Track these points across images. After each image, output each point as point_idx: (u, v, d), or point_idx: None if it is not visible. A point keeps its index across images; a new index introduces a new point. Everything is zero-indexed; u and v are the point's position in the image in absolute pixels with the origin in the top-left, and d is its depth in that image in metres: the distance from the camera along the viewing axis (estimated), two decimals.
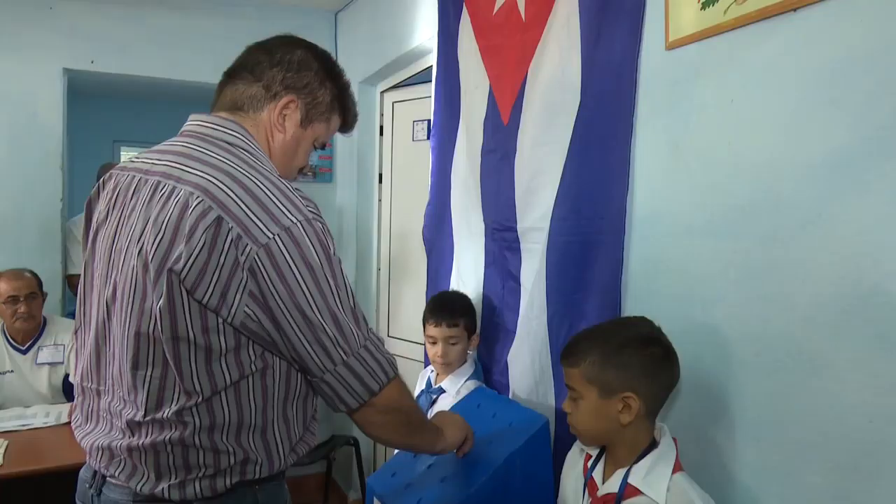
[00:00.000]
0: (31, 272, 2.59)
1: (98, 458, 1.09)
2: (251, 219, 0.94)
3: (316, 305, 0.97)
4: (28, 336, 2.57)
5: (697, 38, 1.30)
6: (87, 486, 1.12)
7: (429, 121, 2.66)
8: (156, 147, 1.14)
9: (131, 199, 1.05)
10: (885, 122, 0.98)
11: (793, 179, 1.12)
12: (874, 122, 1.00)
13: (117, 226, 1.06)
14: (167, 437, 1.00)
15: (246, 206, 0.95)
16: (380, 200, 3.24)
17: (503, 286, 1.95)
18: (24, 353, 2.55)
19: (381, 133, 3.20)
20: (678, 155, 1.36)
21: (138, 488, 1.03)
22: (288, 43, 1.19)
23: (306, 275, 0.96)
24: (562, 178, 1.67)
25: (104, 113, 5.49)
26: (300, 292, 0.96)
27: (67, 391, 2.57)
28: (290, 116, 1.14)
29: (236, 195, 0.96)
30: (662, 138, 1.40)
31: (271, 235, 0.94)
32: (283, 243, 0.94)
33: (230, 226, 0.93)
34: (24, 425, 2.26)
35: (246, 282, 0.94)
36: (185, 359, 0.97)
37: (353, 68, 3.32)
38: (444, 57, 2.29)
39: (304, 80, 1.14)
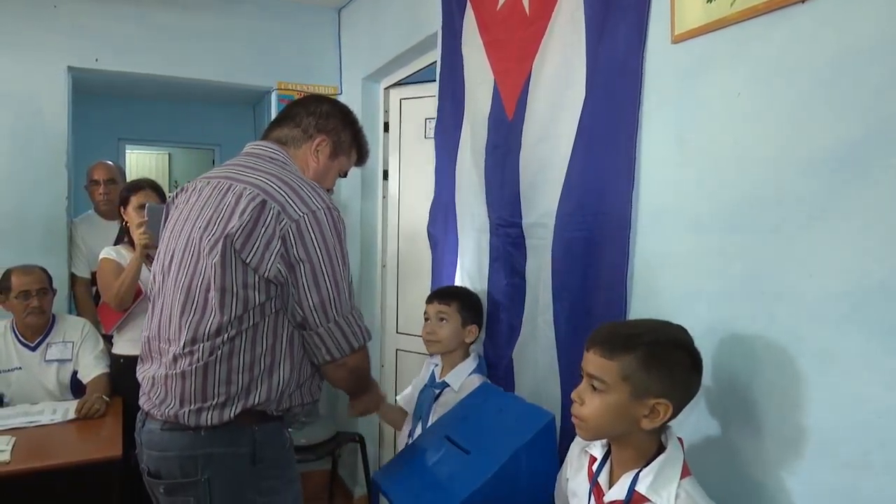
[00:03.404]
0: (42, 268, 2.61)
1: (146, 391, 1.42)
2: (288, 202, 1.31)
3: (324, 270, 1.32)
4: (37, 333, 2.58)
5: (703, 30, 1.29)
6: (139, 423, 1.45)
7: None
8: (222, 164, 1.53)
9: (196, 197, 1.43)
10: (892, 114, 0.97)
11: (799, 173, 1.11)
12: (881, 114, 0.99)
13: (179, 215, 1.45)
14: (195, 366, 1.32)
15: (285, 193, 1.32)
16: (384, 197, 3.24)
17: (508, 282, 1.95)
18: (33, 349, 2.56)
19: (386, 129, 3.19)
20: (684, 149, 1.36)
21: (166, 412, 1.34)
22: (317, 99, 1.61)
23: (321, 247, 1.32)
24: (567, 174, 1.66)
25: (109, 111, 5.51)
26: (316, 258, 1.31)
27: (75, 388, 2.59)
28: (322, 151, 1.54)
29: (278, 186, 1.34)
30: (668, 132, 1.40)
31: (301, 214, 1.31)
32: (308, 221, 1.31)
33: (272, 206, 1.30)
34: (31, 422, 2.27)
35: (279, 246, 1.30)
36: (227, 305, 1.30)
37: (357, 65, 3.32)
38: (447, 52, 2.29)
39: (332, 124, 1.56)
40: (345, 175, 1.64)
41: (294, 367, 1.38)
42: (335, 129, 1.56)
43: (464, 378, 1.89)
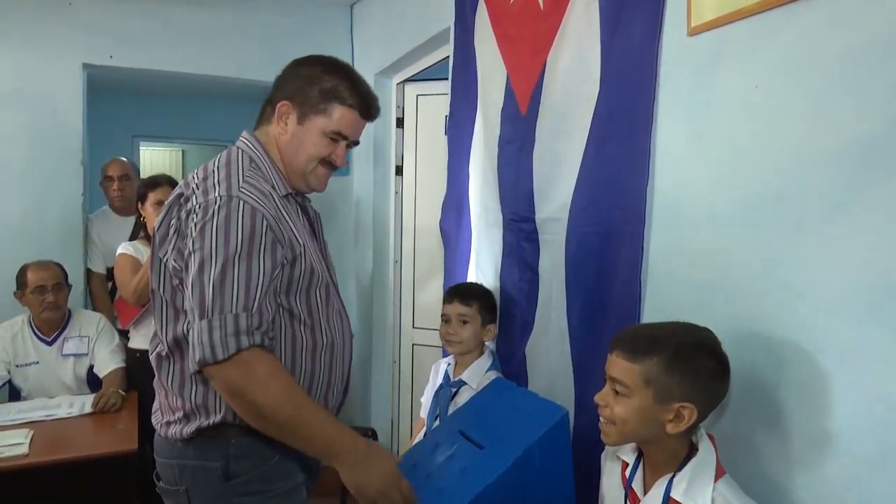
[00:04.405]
0: (57, 263, 2.64)
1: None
2: (195, 191, 1.22)
3: (213, 261, 1.14)
4: (54, 328, 2.61)
5: (720, 23, 1.28)
6: None
7: None
8: None
9: None
10: None
11: (818, 166, 1.10)
12: None
13: None
14: (160, 375, 1.29)
15: (196, 182, 1.24)
16: (397, 193, 3.24)
17: (521, 277, 1.94)
18: (50, 344, 2.59)
19: (400, 125, 3.19)
20: (700, 143, 1.34)
21: (157, 424, 1.32)
22: (290, 64, 1.41)
23: (215, 237, 1.16)
24: (581, 168, 1.65)
25: (123, 108, 5.55)
26: (207, 249, 1.15)
27: (92, 382, 2.61)
28: (287, 118, 1.35)
29: (196, 175, 1.27)
30: (684, 126, 1.38)
31: (198, 203, 1.19)
32: (204, 210, 1.18)
33: (184, 196, 1.23)
34: (48, 415, 2.29)
35: (175, 239, 1.22)
36: (159, 311, 1.26)
37: (369, 60, 3.31)
38: (460, 47, 2.28)
39: (294, 85, 1.35)
40: (345, 139, 1.37)
41: None
42: (299, 89, 1.34)
43: (481, 375, 1.88)
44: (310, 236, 1.37)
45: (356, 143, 1.42)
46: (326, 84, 1.33)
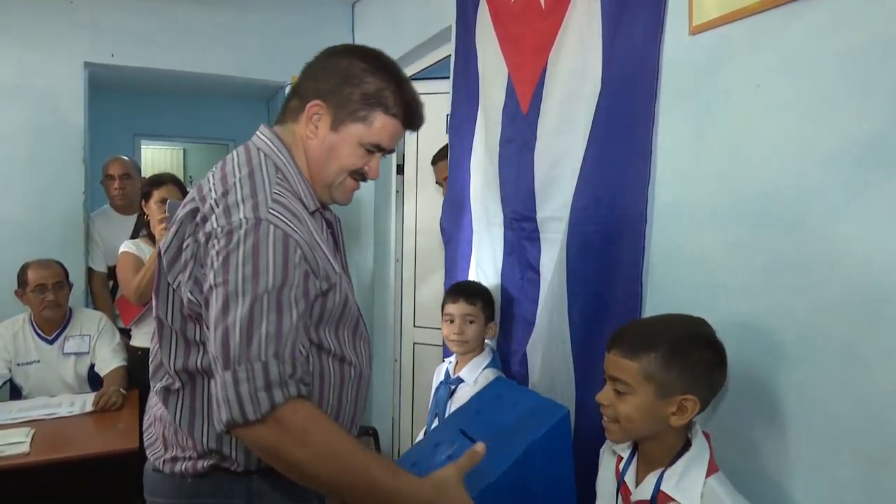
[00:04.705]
0: (58, 262, 2.64)
1: (145, 427, 1.21)
2: (213, 209, 1.01)
3: (239, 298, 0.95)
4: (55, 326, 2.61)
5: (722, 21, 1.27)
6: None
7: None
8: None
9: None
10: None
11: (821, 165, 1.10)
12: None
13: None
14: (169, 406, 1.10)
15: (215, 196, 1.03)
16: (398, 192, 3.24)
17: (522, 276, 1.94)
18: (51, 343, 2.60)
19: None
20: (702, 142, 1.34)
21: (153, 458, 1.14)
22: (325, 53, 1.18)
23: (241, 269, 0.96)
24: (582, 167, 1.65)
25: (124, 106, 5.54)
26: (232, 283, 0.96)
27: (93, 381, 2.61)
28: (318, 121, 1.13)
29: (214, 187, 1.05)
30: (685, 125, 1.38)
31: (217, 226, 0.99)
32: (226, 236, 0.98)
33: (199, 214, 1.03)
34: (49, 414, 2.29)
35: (192, 268, 1.02)
36: (166, 340, 1.09)
37: None
38: (461, 46, 2.28)
39: (329, 82, 1.13)
40: (382, 150, 1.19)
41: None
42: (335, 89, 1.12)
43: (478, 372, 1.88)
44: (333, 253, 1.15)
45: (392, 151, 1.24)
46: (369, 86, 1.13)
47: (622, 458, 1.22)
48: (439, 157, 2.49)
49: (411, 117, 1.19)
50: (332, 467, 0.96)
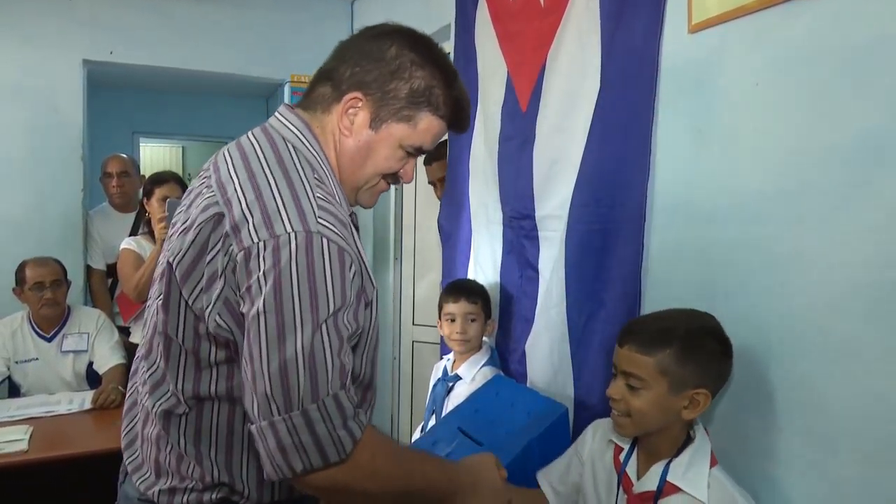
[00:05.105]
0: (56, 260, 2.63)
1: (124, 445, 1.07)
2: (247, 217, 0.85)
3: (290, 329, 0.82)
4: (53, 324, 2.60)
5: (721, 19, 1.27)
6: (121, 476, 1.08)
7: None
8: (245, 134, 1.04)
9: (188, 194, 1.01)
10: None
11: (819, 164, 1.10)
12: None
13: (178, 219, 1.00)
14: (169, 430, 0.96)
15: (247, 201, 0.87)
16: (397, 189, 3.23)
17: (521, 275, 1.94)
18: (49, 340, 2.59)
19: None
20: (701, 140, 1.34)
21: (139, 485, 0.99)
22: (365, 34, 1.02)
23: (288, 292, 0.82)
24: (581, 165, 1.65)
25: (123, 104, 5.53)
26: (277, 310, 0.82)
27: (91, 378, 2.61)
28: (355, 116, 0.99)
29: (243, 189, 0.88)
30: (685, 123, 1.38)
31: (257, 240, 0.84)
32: (268, 252, 0.83)
33: (227, 222, 0.86)
34: (48, 412, 2.29)
35: (222, 287, 0.86)
36: (173, 359, 0.93)
37: None
38: (461, 44, 2.27)
39: (372, 73, 0.97)
40: (422, 153, 1.05)
41: None
42: (380, 81, 0.97)
43: (476, 370, 1.88)
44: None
45: (426, 153, 1.10)
46: (418, 82, 0.98)
47: (622, 449, 1.23)
48: (433, 158, 2.49)
49: (459, 119, 1.05)
50: (399, 486, 0.91)
